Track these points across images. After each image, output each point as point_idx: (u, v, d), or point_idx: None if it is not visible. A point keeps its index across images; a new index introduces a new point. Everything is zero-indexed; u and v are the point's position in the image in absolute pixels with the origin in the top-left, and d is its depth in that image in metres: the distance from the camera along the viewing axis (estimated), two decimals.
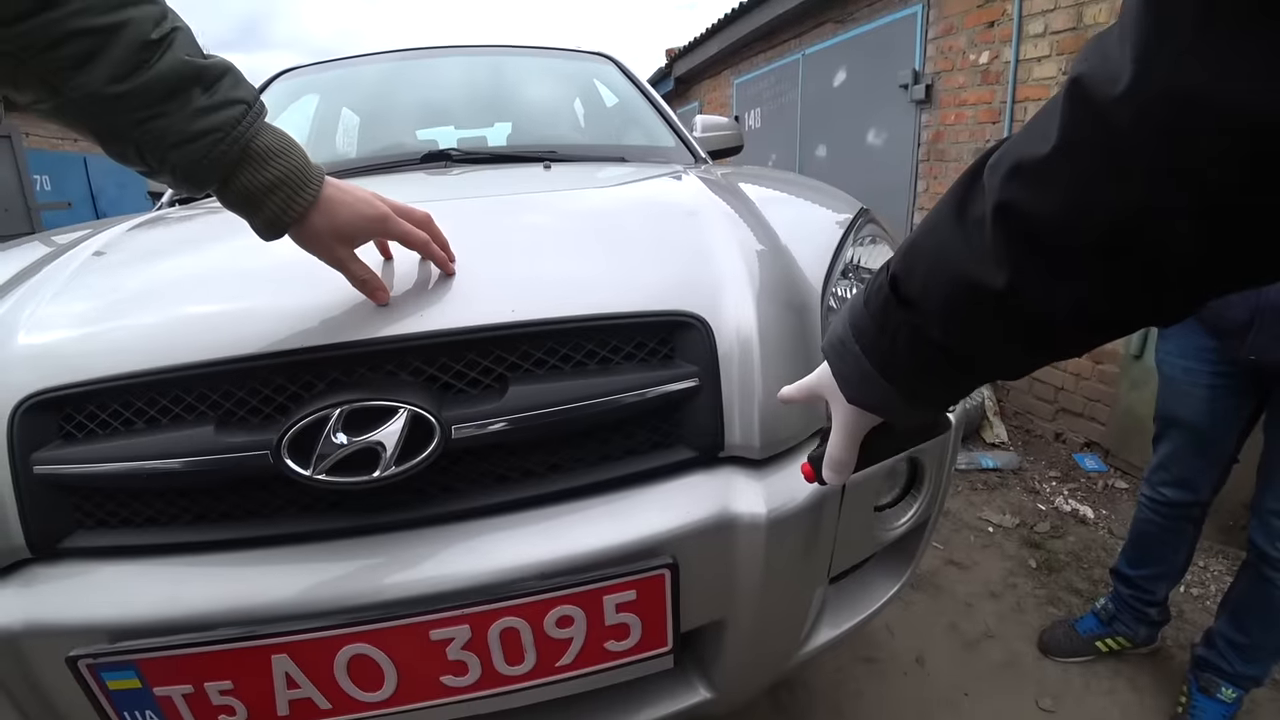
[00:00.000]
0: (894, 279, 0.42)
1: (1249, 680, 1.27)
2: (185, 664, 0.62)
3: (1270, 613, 1.21)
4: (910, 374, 0.43)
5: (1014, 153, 0.33)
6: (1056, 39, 2.57)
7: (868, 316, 0.44)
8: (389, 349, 0.67)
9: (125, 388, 0.67)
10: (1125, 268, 0.30)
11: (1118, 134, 0.27)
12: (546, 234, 0.92)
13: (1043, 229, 0.32)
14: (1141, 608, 1.45)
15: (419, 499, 0.68)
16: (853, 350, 0.45)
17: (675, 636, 0.71)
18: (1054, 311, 0.34)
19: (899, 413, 0.46)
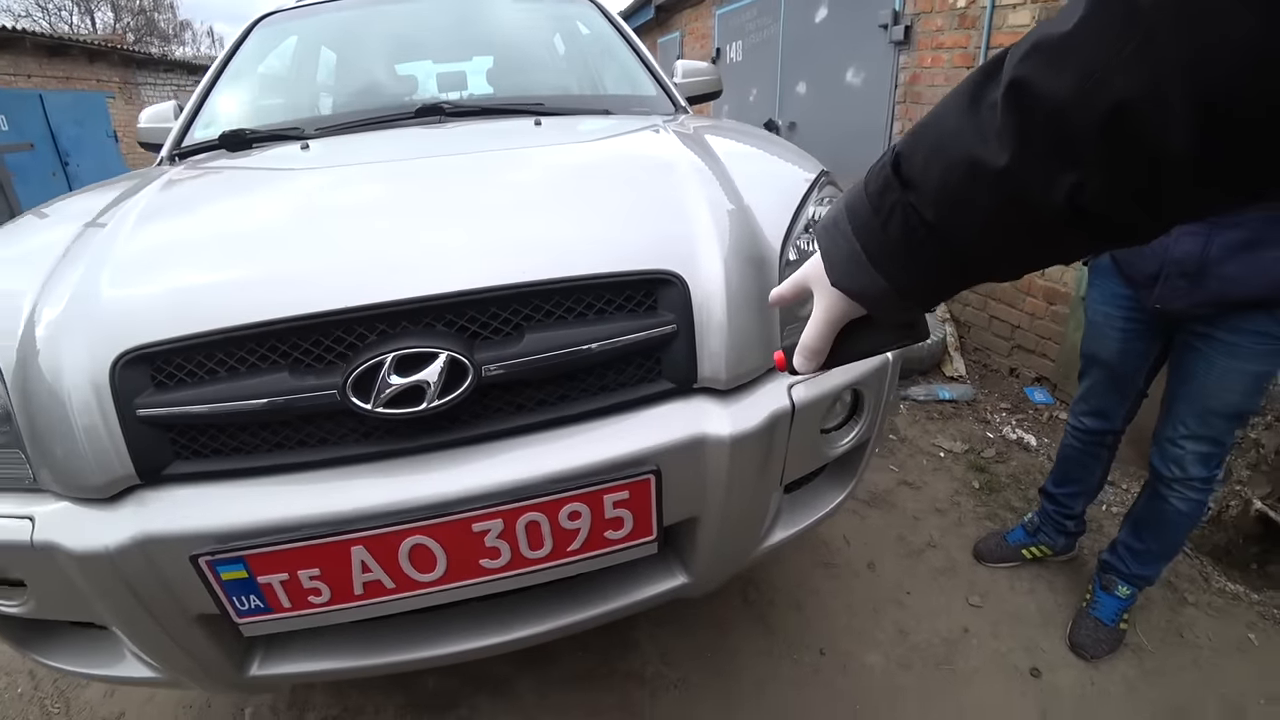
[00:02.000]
0: (897, 157, 0.42)
1: (1141, 580, 1.50)
2: (283, 557, 0.79)
3: (1162, 524, 1.43)
4: (898, 258, 0.43)
5: (1036, 33, 0.34)
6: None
7: (864, 197, 0.44)
8: (428, 305, 0.83)
9: (209, 342, 0.81)
10: (1124, 157, 0.31)
11: (1140, 12, 0.28)
12: (549, 194, 1.07)
13: (1051, 106, 0.32)
14: (1061, 520, 1.68)
15: (458, 424, 0.85)
16: (844, 230, 0.45)
17: (659, 528, 0.90)
18: (1049, 196, 0.34)
19: (881, 302, 0.46)
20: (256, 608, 0.83)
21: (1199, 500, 1.37)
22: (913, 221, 0.41)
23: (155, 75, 11.00)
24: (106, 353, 0.81)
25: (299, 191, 1.17)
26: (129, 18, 23.00)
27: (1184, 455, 1.34)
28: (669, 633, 1.56)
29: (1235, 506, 1.75)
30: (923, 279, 0.43)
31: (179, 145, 1.74)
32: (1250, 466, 1.75)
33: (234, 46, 2.11)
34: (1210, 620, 1.58)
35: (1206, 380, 1.28)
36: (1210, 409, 1.29)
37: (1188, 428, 1.32)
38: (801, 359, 0.53)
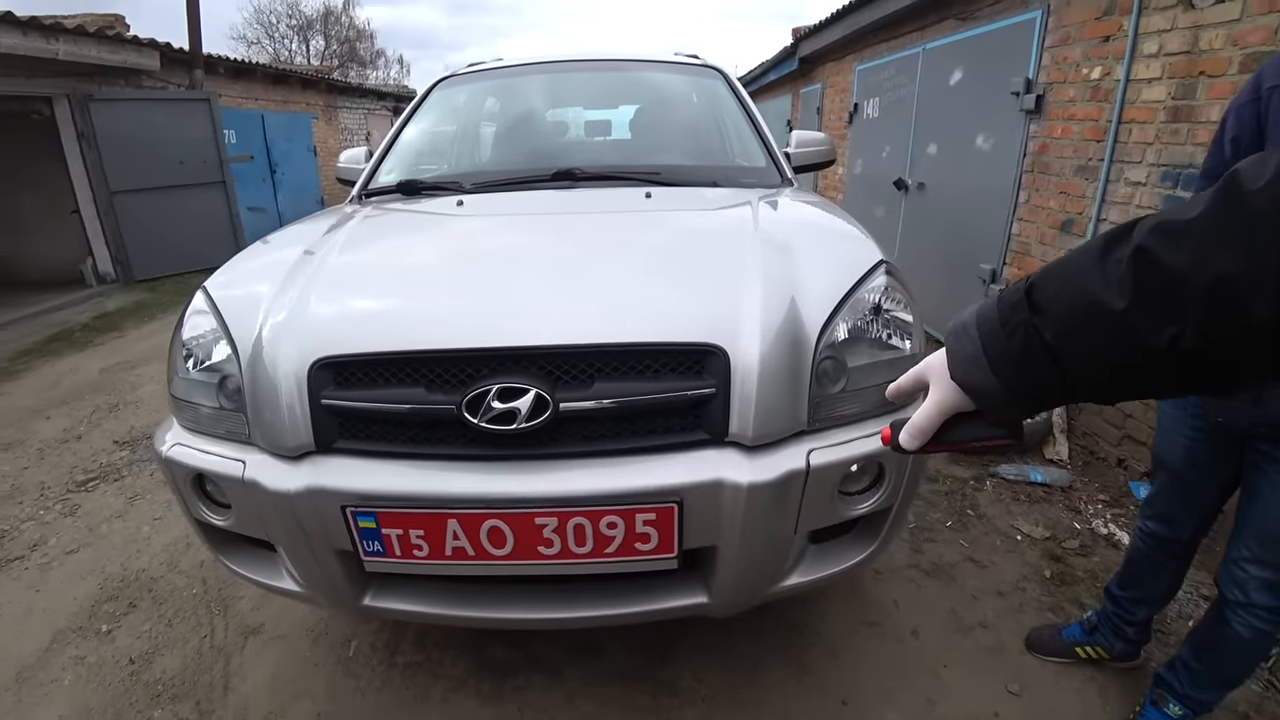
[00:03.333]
0: (1031, 285, 0.50)
1: (1196, 703, 1.44)
2: (401, 517, 1.10)
3: (1223, 648, 1.37)
4: (1015, 367, 0.50)
5: (1163, 215, 0.44)
6: (1169, 61, 2.53)
7: (995, 311, 0.52)
8: (527, 354, 1.12)
9: (373, 360, 1.15)
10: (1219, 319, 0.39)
11: (1249, 213, 0.38)
12: (630, 269, 1.34)
13: (1166, 272, 0.41)
14: (1121, 624, 1.63)
15: (537, 443, 1.12)
16: (971, 334, 0.54)
17: (680, 548, 1.12)
18: (1154, 340, 0.42)
19: (991, 400, 0.54)
20: (377, 550, 1.14)
21: (1264, 630, 1.31)
22: (1033, 340, 0.49)
23: (351, 100, 12.81)
24: (308, 357, 1.16)
25: (448, 244, 1.56)
26: (336, 45, 26.78)
27: (1247, 579, 1.29)
28: (708, 656, 1.71)
29: None
30: (1032, 388, 0.51)
31: (366, 187, 2.18)
32: None
33: (416, 104, 2.56)
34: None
35: (1270, 503, 1.25)
36: (1274, 534, 1.25)
37: (1251, 550, 1.29)
38: (908, 436, 0.60)
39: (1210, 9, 2.36)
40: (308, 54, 26.20)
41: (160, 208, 6.82)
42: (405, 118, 2.49)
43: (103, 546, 2.35)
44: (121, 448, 3.15)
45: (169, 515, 2.52)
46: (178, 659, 1.79)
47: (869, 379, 1.23)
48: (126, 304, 6.16)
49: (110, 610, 2.01)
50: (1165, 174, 2.51)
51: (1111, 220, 2.83)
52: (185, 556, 2.25)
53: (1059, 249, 3.18)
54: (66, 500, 2.70)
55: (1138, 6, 2.64)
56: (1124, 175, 2.77)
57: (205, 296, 1.37)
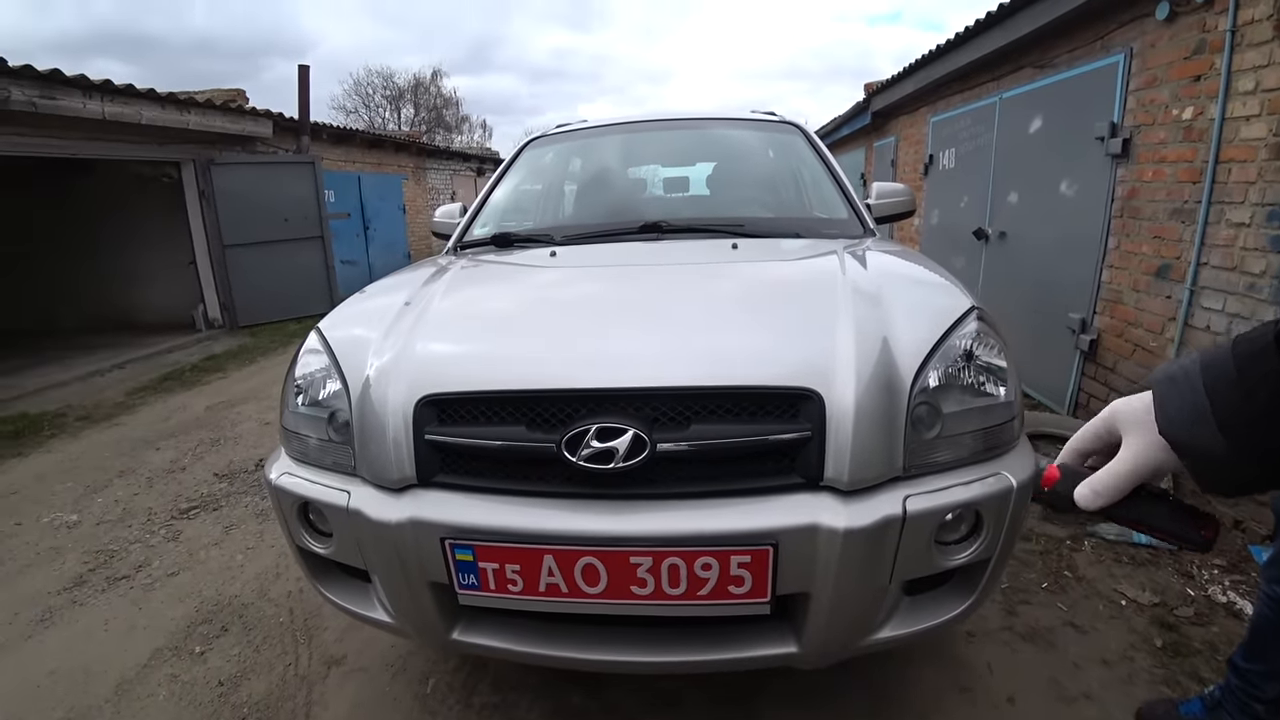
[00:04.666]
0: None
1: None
2: (498, 551, 1.13)
3: None
4: (1251, 426, 0.42)
5: None
6: (1268, 97, 2.42)
7: (1230, 359, 0.44)
8: (626, 394, 1.15)
9: (477, 399, 1.20)
10: None
11: None
12: (725, 314, 1.38)
13: None
14: (1247, 700, 1.47)
15: (635, 483, 1.13)
16: (1194, 385, 0.45)
17: (773, 593, 1.10)
18: None
19: (1210, 464, 0.45)
20: (472, 584, 1.17)
21: None
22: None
23: (438, 162, 13.75)
24: (414, 394, 1.22)
25: (545, 291, 1.64)
26: (425, 113, 28.87)
27: None
28: (790, 714, 1.65)
29: None
30: (1270, 453, 0.43)
31: (462, 239, 2.32)
32: None
33: (509, 162, 2.73)
34: None
35: None
36: None
37: None
38: (1090, 493, 0.52)
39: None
40: (399, 120, 28.55)
41: (264, 260, 7.43)
42: (498, 176, 2.64)
43: (200, 571, 2.50)
44: (220, 480, 3.37)
45: (260, 545, 2.68)
46: (263, 684, 1.87)
47: (964, 426, 1.20)
48: (231, 347, 6.67)
49: (204, 632, 2.12)
50: (1272, 213, 2.38)
51: (1213, 264, 2.68)
52: (275, 585, 2.37)
53: (1154, 295, 3.03)
54: (170, 526, 2.90)
55: (1230, 44, 2.56)
56: (1225, 216, 2.64)
57: (319, 337, 1.47)
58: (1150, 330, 3.07)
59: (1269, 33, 2.42)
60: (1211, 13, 2.68)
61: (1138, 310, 3.15)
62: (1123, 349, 3.27)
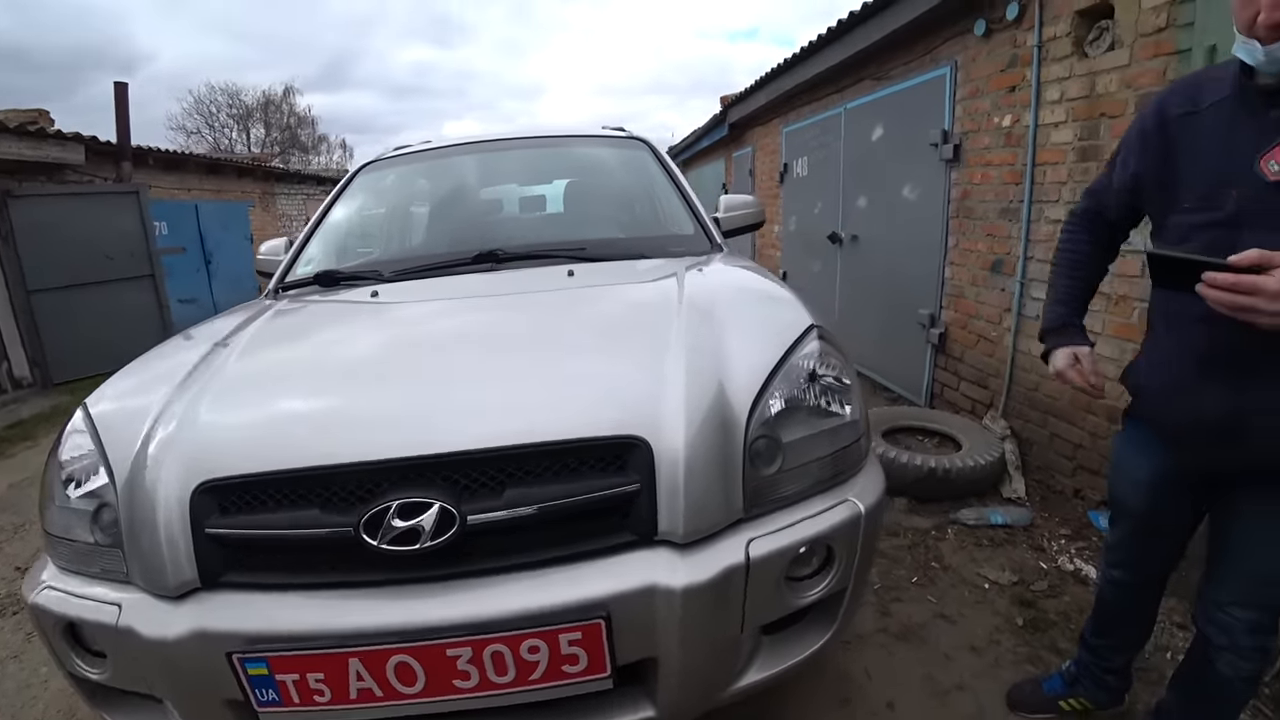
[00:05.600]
0: None
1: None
2: (297, 661, 0.96)
3: (1211, 692, 1.29)
4: None
5: None
6: (1072, 106, 2.67)
7: None
8: (428, 463, 1.01)
9: (261, 481, 1.02)
10: None
11: None
12: (542, 359, 1.25)
13: None
14: (1100, 674, 1.56)
15: (447, 562, 1.00)
16: None
17: (613, 666, 0.99)
18: None
19: None
20: (273, 700, 0.98)
21: (1252, 669, 1.25)
22: None
23: (289, 186, 12.76)
24: (190, 481, 1.03)
25: (350, 343, 1.44)
26: (277, 133, 26.93)
27: (1234, 624, 1.21)
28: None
29: None
30: None
31: (283, 280, 2.06)
32: None
33: (338, 191, 2.46)
34: None
35: (1259, 547, 1.18)
36: (1262, 576, 1.18)
37: (1237, 594, 1.21)
38: None
39: (1102, 56, 2.51)
40: (248, 141, 26.19)
41: (83, 305, 6.49)
42: (326, 206, 2.39)
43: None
44: (23, 575, 2.84)
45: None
46: None
47: (808, 454, 1.16)
48: (43, 409, 5.75)
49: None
50: None
51: (1038, 258, 2.91)
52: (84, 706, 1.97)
53: (991, 289, 3.26)
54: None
55: (1037, 58, 2.80)
56: (1044, 214, 2.87)
57: (84, 414, 1.23)
58: (990, 321, 3.30)
59: (1069, 48, 2.66)
60: (1021, 29, 2.93)
61: (978, 303, 3.38)
62: (968, 340, 3.49)
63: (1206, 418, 1.11)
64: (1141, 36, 2.33)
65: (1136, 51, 2.35)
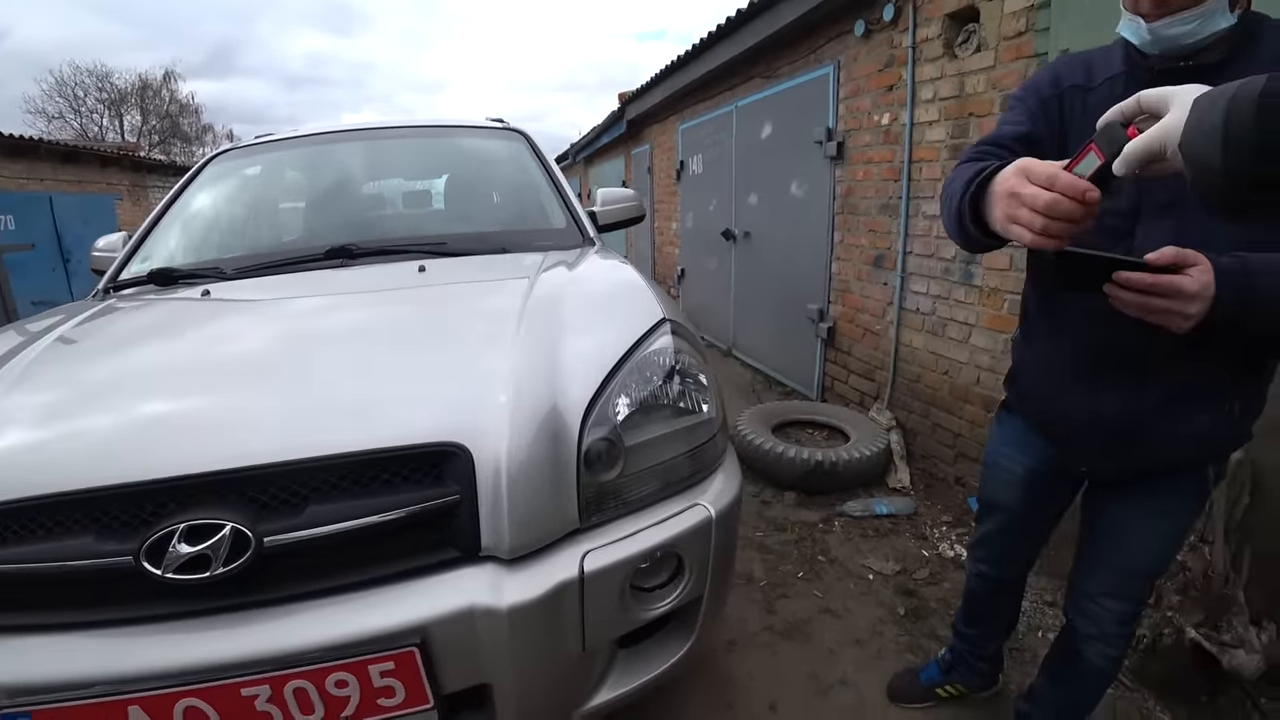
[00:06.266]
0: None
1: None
2: (67, 713, 0.81)
3: (1079, 677, 1.29)
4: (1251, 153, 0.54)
5: None
6: (944, 105, 2.75)
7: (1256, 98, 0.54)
8: (217, 479, 0.86)
9: (26, 507, 0.84)
10: None
11: None
12: (371, 359, 1.09)
13: None
14: (974, 660, 1.56)
15: (243, 590, 0.85)
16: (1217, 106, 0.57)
17: (437, 696, 0.86)
18: None
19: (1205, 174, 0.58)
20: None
21: (1116, 656, 1.25)
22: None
23: (164, 179, 11.51)
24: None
25: (153, 350, 1.25)
26: (156, 120, 24.47)
27: (1103, 615, 1.21)
28: None
29: (1169, 635, 1.62)
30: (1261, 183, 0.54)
31: (115, 280, 1.81)
32: (1179, 591, 1.64)
33: (187, 180, 2.21)
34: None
35: (1131, 542, 1.17)
36: (1134, 570, 1.19)
37: (1108, 587, 1.20)
38: (1122, 164, 0.67)
39: (970, 58, 2.59)
40: (121, 130, 23.46)
41: None
42: (171, 197, 2.14)
43: None
44: None
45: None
46: None
47: (656, 456, 1.05)
48: None
49: None
50: None
51: (916, 252, 2.98)
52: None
53: (875, 283, 3.32)
54: None
55: (912, 59, 2.87)
56: (921, 210, 2.94)
57: None
58: (874, 315, 3.36)
59: (940, 49, 2.73)
60: (897, 31, 2.99)
61: (863, 297, 3.45)
62: (854, 333, 3.55)
63: (1104, 421, 1.06)
64: (1004, 40, 2.42)
65: (1000, 54, 2.44)
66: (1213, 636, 1.51)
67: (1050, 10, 2.23)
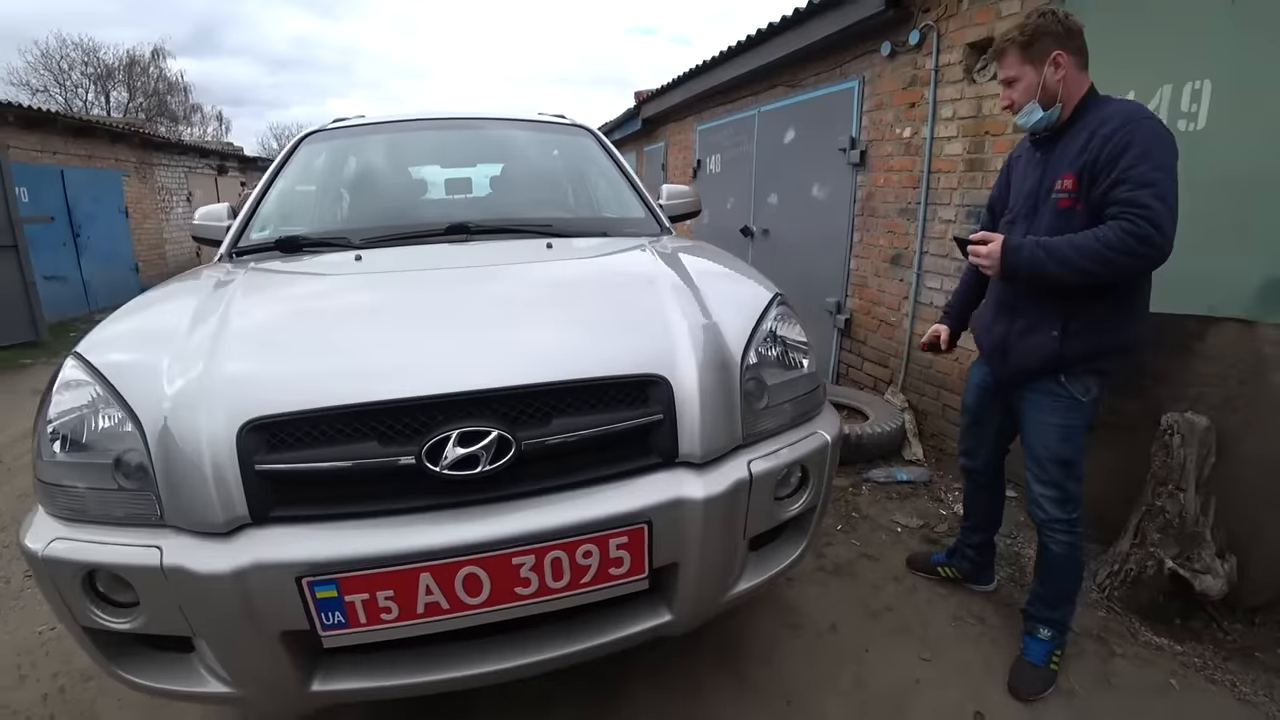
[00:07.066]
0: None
1: (1054, 622, 1.75)
2: (366, 580, 1.03)
3: (1050, 567, 1.72)
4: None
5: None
6: (962, 123, 3.10)
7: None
8: (485, 396, 1.12)
9: (317, 418, 1.08)
10: None
11: None
12: (568, 308, 1.40)
13: None
14: (963, 547, 2.12)
15: (504, 485, 1.11)
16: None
17: (650, 568, 1.16)
18: None
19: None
20: (339, 623, 1.05)
21: (1070, 543, 1.67)
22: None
23: (169, 157, 11.46)
24: (235, 421, 1.06)
25: (373, 295, 1.49)
26: (143, 98, 24.09)
27: (1038, 497, 1.67)
28: (654, 688, 1.72)
29: (1151, 567, 1.99)
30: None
31: (236, 244, 2.02)
32: (1160, 530, 2.01)
33: (283, 159, 2.42)
34: (1136, 669, 1.79)
35: (1029, 433, 1.69)
36: (1039, 456, 1.66)
37: (1033, 473, 1.68)
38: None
39: (987, 83, 2.94)
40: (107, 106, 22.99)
41: None
42: (273, 173, 2.35)
43: None
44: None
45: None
46: None
47: (783, 396, 1.38)
48: None
49: None
50: (969, 212, 3.03)
51: (931, 252, 3.34)
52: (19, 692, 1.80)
53: (892, 279, 3.68)
54: None
55: (934, 80, 3.21)
56: (937, 214, 3.30)
57: (83, 364, 1.20)
58: (890, 308, 3.72)
59: (960, 74, 3.08)
60: (920, 54, 3.33)
61: (880, 292, 3.81)
62: (870, 325, 3.92)
63: (995, 341, 1.70)
64: None
65: None
66: (1186, 565, 1.89)
67: None
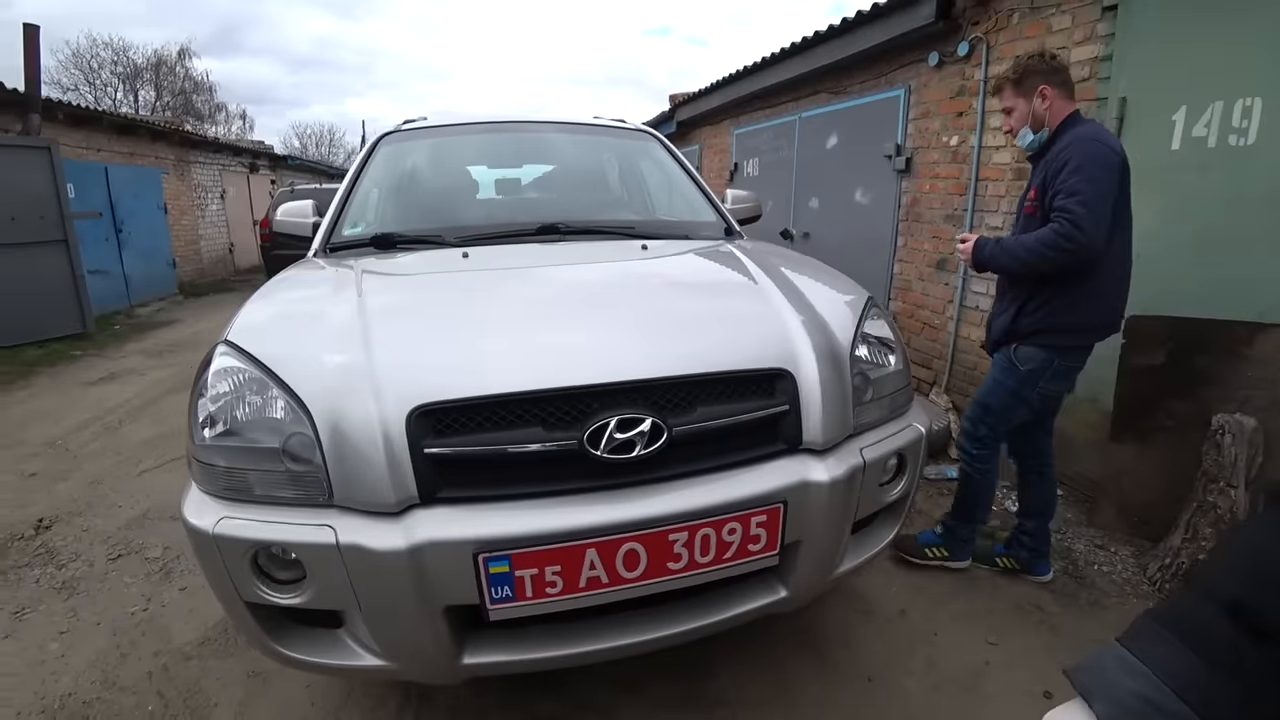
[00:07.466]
0: (1240, 610, 0.39)
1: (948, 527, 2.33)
2: (537, 556, 1.15)
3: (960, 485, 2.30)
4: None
5: None
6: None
7: (1203, 667, 0.40)
8: (638, 386, 1.24)
9: (482, 405, 1.19)
10: None
11: None
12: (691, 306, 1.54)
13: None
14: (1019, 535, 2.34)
15: (656, 467, 1.24)
16: (1178, 712, 0.40)
17: (781, 544, 1.30)
18: None
19: None
20: (506, 596, 1.16)
21: (966, 470, 2.22)
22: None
23: (205, 155, 11.79)
24: (403, 407, 1.16)
25: (504, 290, 1.61)
26: (169, 97, 24.57)
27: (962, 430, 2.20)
28: (740, 668, 1.85)
29: (1203, 557, 2.10)
30: None
31: (329, 240, 2.13)
32: (1211, 525, 2.11)
33: (364, 159, 2.52)
34: None
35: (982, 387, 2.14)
36: (974, 398, 2.16)
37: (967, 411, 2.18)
38: None
39: None
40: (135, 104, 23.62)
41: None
42: (355, 173, 2.45)
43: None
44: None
45: (79, 626, 2.12)
46: None
47: (883, 390, 1.52)
48: None
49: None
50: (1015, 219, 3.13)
51: None
52: (123, 669, 1.91)
53: (936, 283, 3.79)
54: None
55: (983, 90, 3.32)
56: (984, 221, 3.41)
57: (238, 352, 1.29)
58: (935, 311, 3.83)
59: None
60: (969, 65, 3.44)
61: (924, 295, 3.92)
62: (914, 327, 4.03)
63: (987, 321, 2.16)
64: None
65: None
66: None
67: (1112, 63, 2.69)
